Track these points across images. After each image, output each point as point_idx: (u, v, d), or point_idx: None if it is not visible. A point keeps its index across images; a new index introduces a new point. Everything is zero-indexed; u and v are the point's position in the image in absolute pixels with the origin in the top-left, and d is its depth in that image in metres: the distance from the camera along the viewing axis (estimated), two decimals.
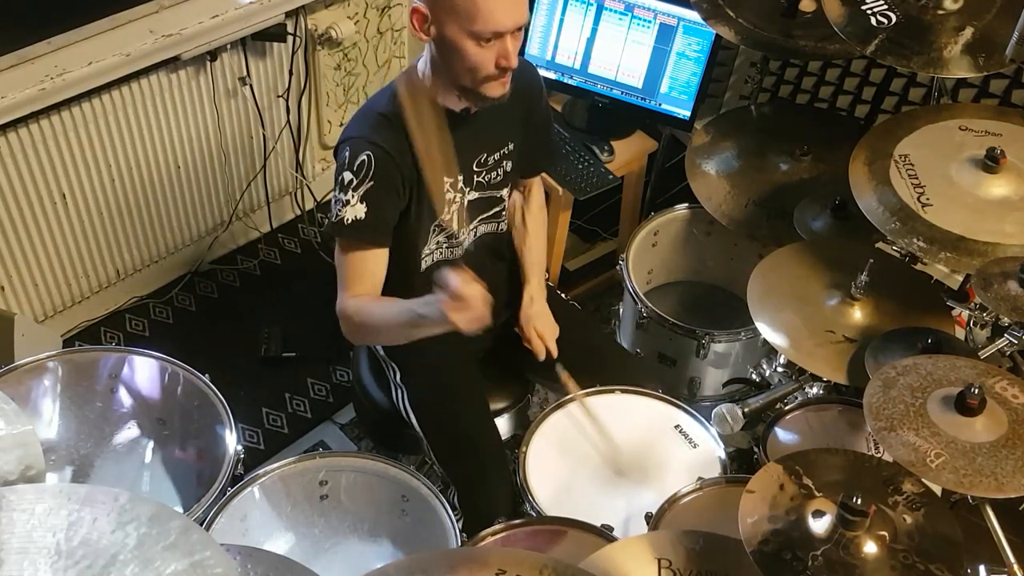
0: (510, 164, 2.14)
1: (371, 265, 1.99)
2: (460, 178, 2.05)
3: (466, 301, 1.75)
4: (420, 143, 1.87)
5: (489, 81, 1.90)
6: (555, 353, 2.21)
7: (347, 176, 1.93)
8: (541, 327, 2.22)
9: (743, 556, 1.57)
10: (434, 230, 2.09)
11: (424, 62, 1.97)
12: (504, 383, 2.37)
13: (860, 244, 2.25)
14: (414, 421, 2.21)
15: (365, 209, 1.93)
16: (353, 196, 1.92)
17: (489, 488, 2.15)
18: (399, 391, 2.24)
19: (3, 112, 2.46)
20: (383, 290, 2.04)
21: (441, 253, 2.14)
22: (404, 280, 2.07)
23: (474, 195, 2.11)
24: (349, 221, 1.93)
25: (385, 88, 2.03)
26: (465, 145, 2.03)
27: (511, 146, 2.12)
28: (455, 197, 2.07)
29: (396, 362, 2.24)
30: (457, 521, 1.97)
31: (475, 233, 2.17)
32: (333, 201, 1.96)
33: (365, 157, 1.91)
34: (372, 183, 1.92)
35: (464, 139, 2.01)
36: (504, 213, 2.21)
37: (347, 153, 1.93)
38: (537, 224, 2.31)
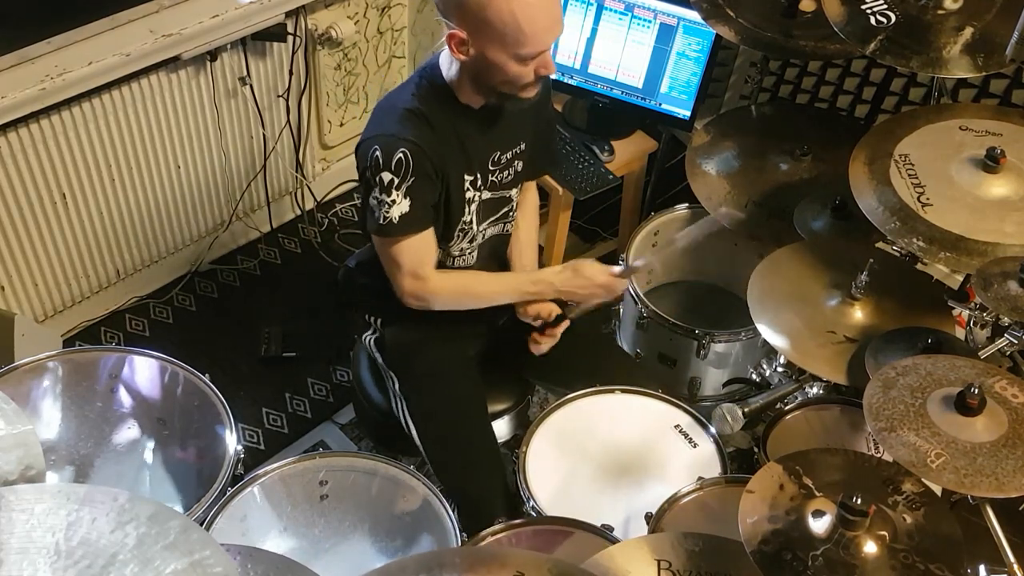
0: (521, 164, 2.15)
1: (427, 243, 2.05)
2: (478, 175, 2.07)
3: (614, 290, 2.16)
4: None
5: (527, 87, 1.94)
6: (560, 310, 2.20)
7: (387, 176, 1.93)
8: (543, 305, 2.21)
9: (743, 557, 1.57)
10: (458, 235, 2.11)
11: (448, 65, 1.98)
12: (504, 384, 2.37)
13: (860, 244, 2.25)
14: (414, 433, 2.22)
15: (409, 203, 1.96)
16: (397, 194, 1.95)
17: (487, 500, 2.15)
18: (398, 401, 2.24)
19: (3, 112, 2.46)
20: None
21: (464, 259, 2.16)
22: None
23: (487, 195, 2.12)
24: (398, 219, 1.96)
25: (403, 85, 2.05)
26: (482, 144, 2.05)
27: (522, 146, 2.13)
28: (474, 196, 2.08)
29: (395, 372, 2.24)
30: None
31: (484, 235, 2.18)
32: (374, 203, 1.97)
33: (401, 155, 1.92)
34: (413, 178, 1.94)
35: (481, 138, 2.04)
36: (511, 215, 2.21)
37: (379, 153, 1.93)
38: (531, 225, 2.32)
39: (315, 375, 3.05)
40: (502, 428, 2.34)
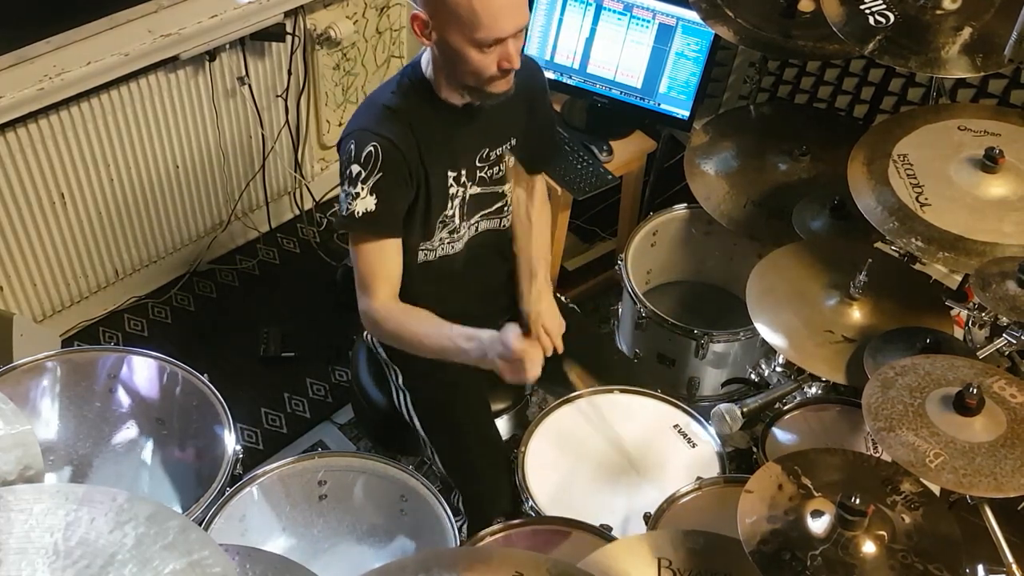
0: (513, 160, 2.15)
1: (388, 257, 2.01)
2: (463, 172, 2.06)
3: (522, 363, 1.88)
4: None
5: (493, 81, 1.92)
6: (560, 349, 2.20)
7: (355, 168, 1.93)
8: (548, 323, 2.20)
9: (743, 556, 1.57)
10: (439, 226, 2.10)
11: (427, 60, 1.98)
12: (503, 384, 2.36)
13: (859, 244, 2.25)
14: (418, 424, 2.22)
15: (375, 200, 1.94)
16: (363, 188, 1.93)
17: (493, 490, 2.15)
18: (402, 394, 2.24)
19: (2, 112, 2.46)
20: None
21: (443, 249, 2.15)
22: (404, 270, 2.07)
23: (476, 189, 2.12)
24: (360, 214, 1.95)
25: (387, 82, 2.05)
26: (467, 139, 2.05)
27: (513, 141, 2.13)
28: (458, 191, 2.08)
29: (398, 365, 2.24)
30: (459, 523, 1.98)
31: (475, 228, 2.18)
32: (342, 195, 1.96)
33: (372, 148, 1.92)
34: (381, 174, 1.93)
35: (466, 133, 2.03)
36: (507, 209, 2.21)
37: (352, 146, 1.94)
38: (542, 220, 2.32)
39: (314, 375, 3.05)
40: (502, 428, 2.34)
